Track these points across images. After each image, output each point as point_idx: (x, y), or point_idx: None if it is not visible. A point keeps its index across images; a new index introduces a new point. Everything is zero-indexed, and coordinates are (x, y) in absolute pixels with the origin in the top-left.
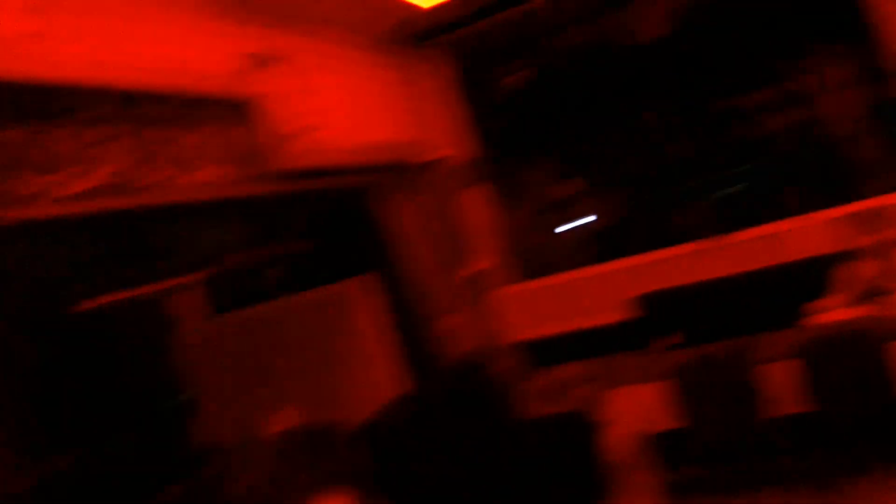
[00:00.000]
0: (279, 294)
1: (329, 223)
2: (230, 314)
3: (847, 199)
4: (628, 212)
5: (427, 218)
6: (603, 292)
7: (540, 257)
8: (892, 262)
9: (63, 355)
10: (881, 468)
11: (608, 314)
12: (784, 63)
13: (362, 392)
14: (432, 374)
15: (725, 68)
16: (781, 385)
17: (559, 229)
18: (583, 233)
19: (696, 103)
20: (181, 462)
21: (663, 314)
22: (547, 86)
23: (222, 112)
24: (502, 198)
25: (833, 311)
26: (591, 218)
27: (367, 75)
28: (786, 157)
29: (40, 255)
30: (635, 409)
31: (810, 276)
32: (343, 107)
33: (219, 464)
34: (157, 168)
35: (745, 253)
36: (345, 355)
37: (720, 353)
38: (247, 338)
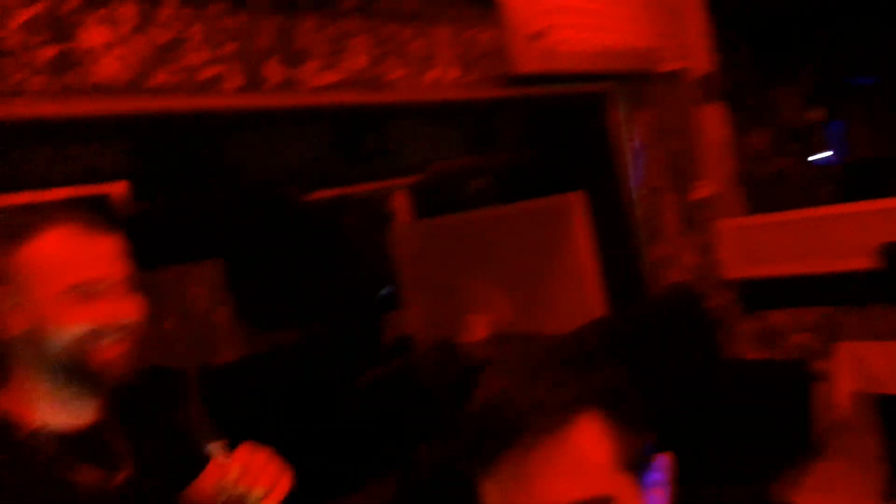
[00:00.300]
0: (488, 203)
1: (546, 134)
2: (438, 219)
3: None
4: (888, 147)
5: (655, 134)
6: (844, 236)
7: (773, 190)
8: None
9: (288, 240)
10: None
11: (846, 260)
12: None
13: (559, 310)
14: (638, 302)
15: None
16: None
17: (800, 160)
18: (827, 167)
19: None
20: (380, 350)
21: None
22: None
23: (461, 11)
24: (738, 120)
25: None
26: (835, 151)
27: None
28: None
29: (275, 147)
30: (862, 366)
31: None
32: (585, 6)
33: (415, 357)
34: (393, 66)
35: None
36: (546, 271)
37: None
38: (451, 243)
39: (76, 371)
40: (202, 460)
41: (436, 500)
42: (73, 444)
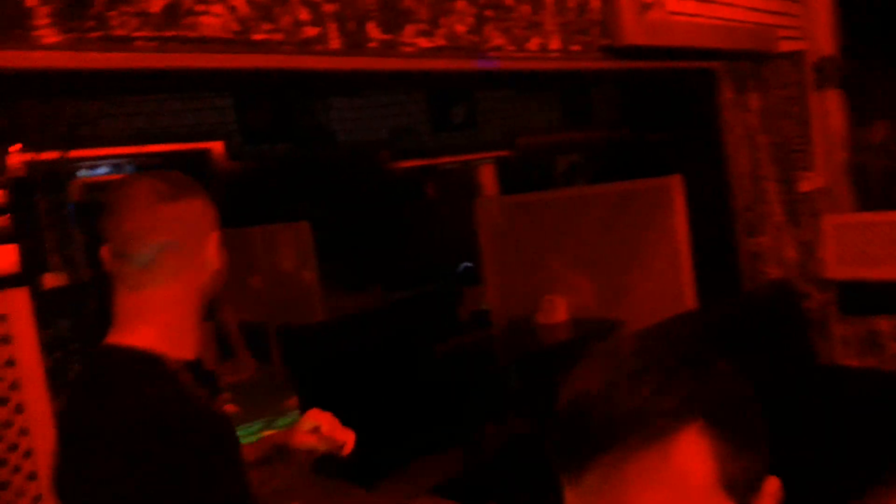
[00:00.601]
0: (577, 182)
1: (645, 112)
2: (524, 195)
3: None
4: None
5: (764, 119)
6: None
7: (887, 187)
8: None
9: (376, 206)
10: None
11: None
12: None
13: (645, 299)
14: (732, 297)
15: None
16: None
17: None
18: None
19: None
20: (457, 323)
21: None
22: None
23: None
24: (856, 109)
25: None
26: None
27: None
28: None
29: (368, 113)
30: None
31: None
32: None
33: (491, 333)
34: (495, 32)
35: None
36: (634, 257)
37: None
38: (536, 220)
39: (204, 308)
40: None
41: (499, 478)
42: (197, 374)
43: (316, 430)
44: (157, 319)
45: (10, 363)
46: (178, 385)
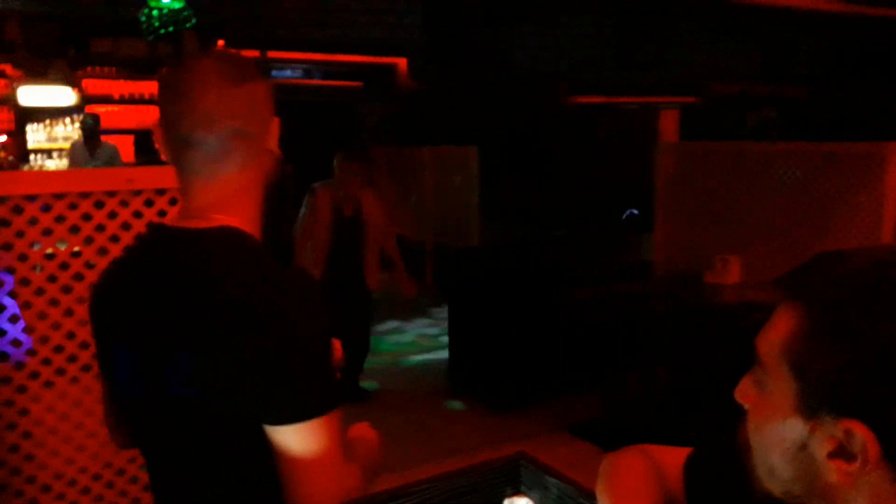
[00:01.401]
0: (768, 136)
1: (868, 70)
2: (712, 143)
3: None
4: None
5: None
6: None
7: None
8: None
9: (549, 139)
10: None
11: None
12: None
13: None
14: None
15: None
16: None
17: None
18: None
19: None
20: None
21: None
22: None
23: None
24: None
25: None
26: None
27: None
28: None
29: (552, 44)
30: None
31: None
32: None
33: (653, 284)
34: None
35: None
36: (824, 225)
37: None
38: (719, 173)
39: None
40: None
41: (634, 425)
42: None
43: None
44: (236, 207)
45: None
46: (263, 255)
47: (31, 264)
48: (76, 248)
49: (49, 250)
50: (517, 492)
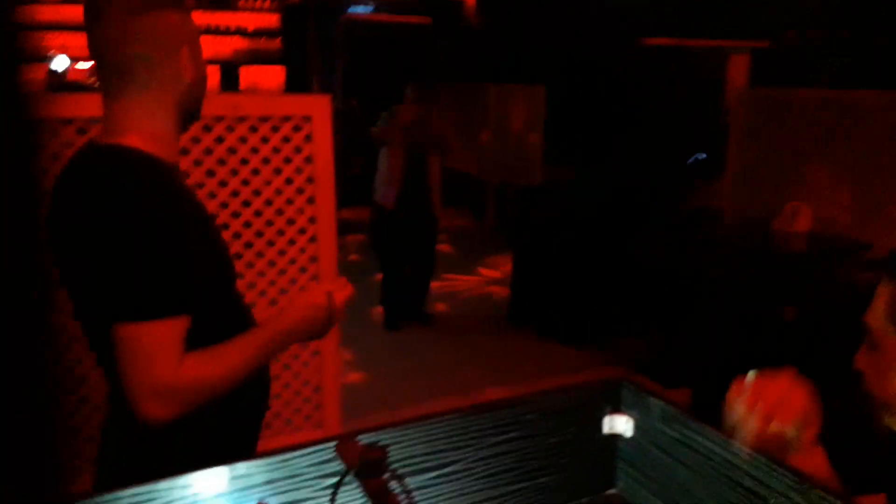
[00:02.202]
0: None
1: None
2: (781, 90)
3: None
4: None
5: None
6: None
7: None
8: None
9: (616, 82)
10: None
11: None
12: None
13: None
14: None
15: None
16: None
17: None
18: None
19: None
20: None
21: None
22: None
23: None
24: None
25: None
26: None
27: None
28: None
29: None
30: None
31: None
32: None
33: (720, 230)
34: None
35: None
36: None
37: None
38: (793, 121)
39: (189, 116)
40: None
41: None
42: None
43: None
44: (139, 126)
45: (309, 160)
46: (173, 178)
47: None
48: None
49: None
50: (617, 410)
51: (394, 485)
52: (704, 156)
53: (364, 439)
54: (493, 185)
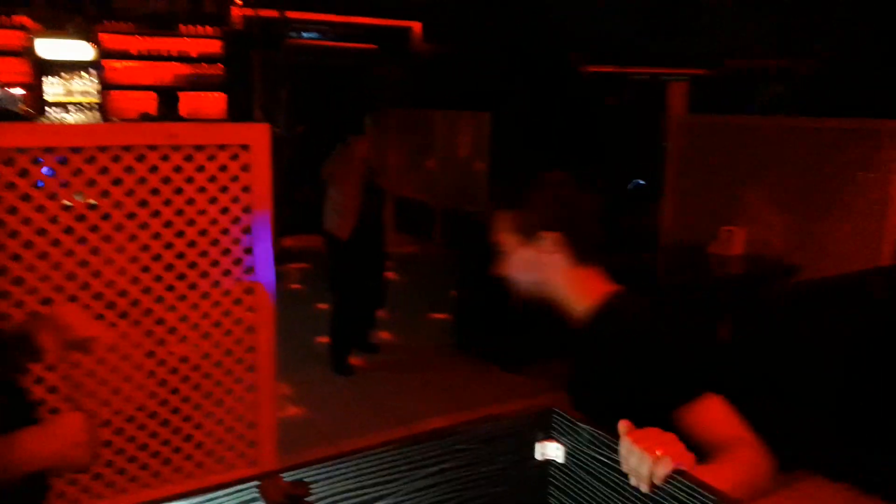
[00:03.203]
0: (779, 111)
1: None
2: (723, 116)
3: None
4: None
5: None
6: None
7: None
8: None
9: (560, 107)
10: None
11: None
12: None
13: (835, 246)
14: None
15: None
16: None
17: None
18: None
19: None
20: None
21: None
22: None
23: None
24: None
25: None
26: None
27: None
28: None
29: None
30: None
31: None
32: None
33: (656, 253)
34: None
35: None
36: (830, 201)
37: None
38: (728, 146)
39: None
40: None
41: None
42: None
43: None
44: None
45: (247, 189)
46: None
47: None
48: (91, 201)
49: (66, 202)
50: (548, 437)
51: None
52: (643, 182)
53: (289, 476)
54: (441, 211)
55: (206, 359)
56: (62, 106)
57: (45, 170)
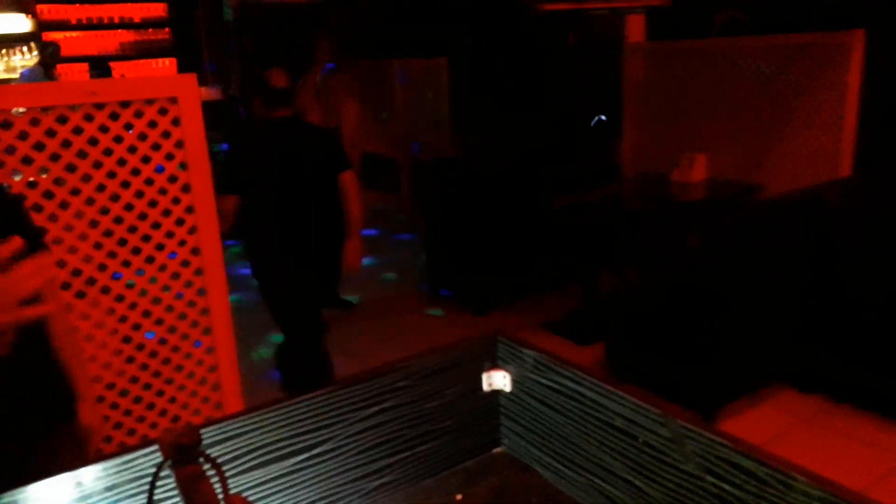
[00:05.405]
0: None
1: None
2: (676, 42)
3: None
4: None
5: None
6: None
7: None
8: None
9: (516, 48)
10: None
11: None
12: None
13: (793, 163)
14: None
15: None
16: None
17: None
18: None
19: None
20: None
21: None
22: None
23: None
24: None
25: None
26: None
27: None
28: None
29: None
30: None
31: None
32: None
33: (622, 185)
34: None
35: None
36: (789, 118)
37: None
38: (686, 72)
39: None
40: None
41: (606, 322)
42: None
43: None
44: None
45: (180, 144)
46: None
47: None
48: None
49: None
50: (494, 366)
51: (210, 471)
52: (604, 118)
53: (213, 430)
54: (406, 161)
55: (160, 325)
56: (3, 82)
57: None
